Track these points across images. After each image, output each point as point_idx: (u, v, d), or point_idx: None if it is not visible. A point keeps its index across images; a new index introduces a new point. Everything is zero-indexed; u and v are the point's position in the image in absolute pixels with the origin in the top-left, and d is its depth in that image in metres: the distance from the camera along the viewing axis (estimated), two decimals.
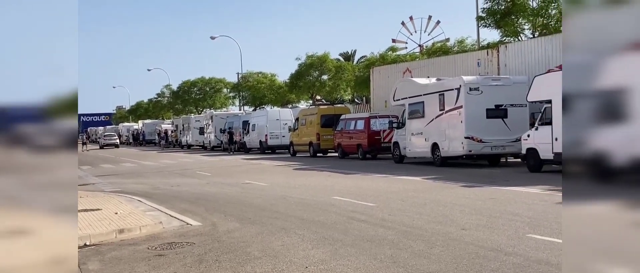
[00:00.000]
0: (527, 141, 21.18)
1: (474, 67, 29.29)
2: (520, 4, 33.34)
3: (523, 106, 23.29)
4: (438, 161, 25.17)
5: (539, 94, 20.70)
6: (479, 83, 23.86)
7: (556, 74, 20.67)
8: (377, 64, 46.82)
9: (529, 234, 9.61)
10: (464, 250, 8.68)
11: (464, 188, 16.92)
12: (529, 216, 11.35)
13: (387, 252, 8.76)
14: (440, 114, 25.02)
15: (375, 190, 17.01)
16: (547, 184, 16.75)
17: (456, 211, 12.30)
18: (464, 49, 44.29)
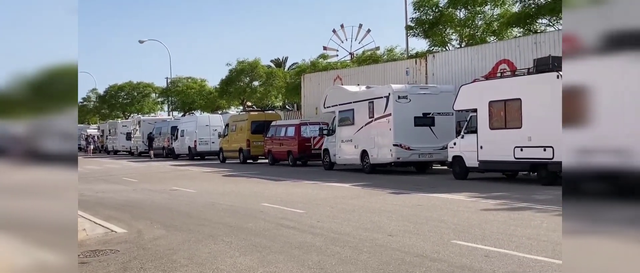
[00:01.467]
0: (453, 149, 21.61)
1: (403, 76, 29.74)
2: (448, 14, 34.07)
3: (450, 115, 23.77)
4: (367, 168, 25.41)
5: (465, 103, 21.16)
6: (408, 92, 24.23)
7: (481, 83, 21.19)
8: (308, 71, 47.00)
9: (453, 240, 9.79)
10: (391, 256, 8.78)
11: (392, 194, 17.13)
12: (454, 223, 11.57)
13: (314, 258, 8.78)
14: (370, 122, 25.29)
15: (304, 196, 17.04)
16: (472, 191, 17.12)
17: (384, 218, 12.44)
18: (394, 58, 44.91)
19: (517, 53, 23.45)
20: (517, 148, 18.81)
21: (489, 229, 10.77)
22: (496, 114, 19.70)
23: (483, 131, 20.09)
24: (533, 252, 8.71)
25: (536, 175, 18.85)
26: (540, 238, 9.74)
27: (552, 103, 17.64)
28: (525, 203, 14.25)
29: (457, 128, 23.13)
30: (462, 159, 21.14)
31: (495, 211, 13.12)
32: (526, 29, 30.17)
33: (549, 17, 29.20)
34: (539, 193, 16.12)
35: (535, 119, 18.36)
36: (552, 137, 17.70)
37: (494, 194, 16.27)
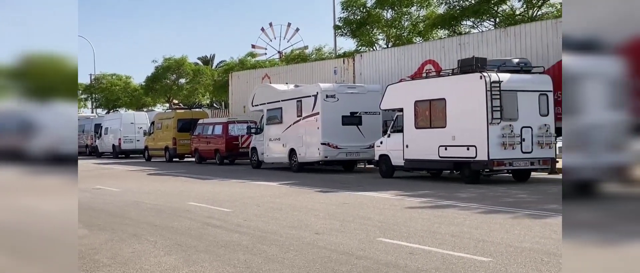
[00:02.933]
0: (380, 147, 21.86)
1: (331, 75, 29.88)
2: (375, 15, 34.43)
3: (377, 114, 24.03)
4: (295, 166, 25.43)
5: (392, 103, 21.44)
6: (335, 91, 24.37)
7: (407, 83, 21.50)
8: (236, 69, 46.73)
9: (379, 238, 9.89)
10: (317, 254, 8.80)
11: (319, 193, 17.19)
12: (379, 221, 11.69)
13: (241, 257, 8.72)
14: (298, 121, 25.31)
15: (231, 195, 16.92)
16: (398, 189, 17.35)
17: (311, 216, 12.46)
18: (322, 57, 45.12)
19: (442, 54, 23.89)
20: (441, 147, 19.17)
21: (414, 227, 10.93)
22: (421, 114, 20.02)
23: (409, 131, 20.39)
24: (456, 249, 8.88)
25: (459, 174, 19.25)
26: (463, 236, 9.94)
27: (476, 103, 18.06)
28: (449, 201, 14.53)
29: (383, 127, 23.40)
30: (388, 158, 21.40)
31: (420, 209, 13.33)
32: (451, 30, 30.79)
33: (473, 19, 29.89)
34: (462, 192, 16.46)
35: (459, 119, 18.74)
36: (475, 136, 18.12)
37: (419, 192, 16.53)
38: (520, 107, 18.17)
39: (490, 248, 8.86)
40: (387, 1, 33.59)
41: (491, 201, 14.25)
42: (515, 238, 9.64)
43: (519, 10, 29.21)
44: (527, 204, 13.73)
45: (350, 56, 31.45)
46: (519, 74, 18.66)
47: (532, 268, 7.66)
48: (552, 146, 18.69)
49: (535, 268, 7.63)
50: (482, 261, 8.10)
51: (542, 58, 19.86)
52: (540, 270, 7.54)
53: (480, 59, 18.86)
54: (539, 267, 7.71)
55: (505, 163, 18.05)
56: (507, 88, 17.99)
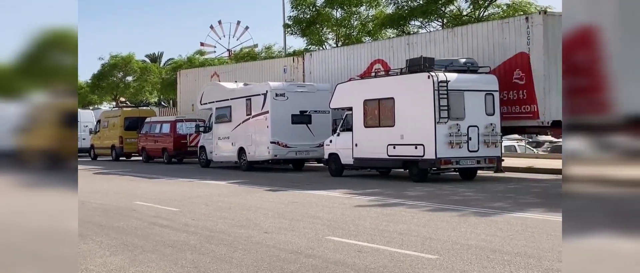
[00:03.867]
0: (330, 146, 21.92)
1: (281, 74, 29.84)
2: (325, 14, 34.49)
3: (326, 113, 24.09)
4: (244, 165, 25.31)
5: (341, 102, 21.52)
6: (285, 89, 24.35)
7: (357, 82, 21.60)
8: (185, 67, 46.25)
9: (328, 236, 9.91)
10: (266, 253, 8.77)
11: (268, 192, 17.15)
12: (328, 219, 11.72)
13: (188, 257, 8.63)
14: (247, 119, 25.20)
15: (179, 194, 16.74)
16: (347, 188, 17.42)
17: (260, 215, 12.42)
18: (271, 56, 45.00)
19: (391, 53, 24.07)
20: (390, 146, 19.32)
21: (363, 225, 10.99)
22: (371, 113, 20.14)
23: (358, 129, 20.49)
24: (404, 247, 8.96)
25: (408, 172, 19.43)
26: (410, 233, 10.03)
27: (423, 102, 18.26)
28: (397, 199, 14.65)
29: (333, 126, 23.47)
30: (337, 157, 21.47)
31: (369, 208, 13.41)
32: (399, 30, 31.05)
33: (421, 19, 30.19)
34: (410, 190, 16.62)
35: (407, 118, 18.91)
36: (423, 135, 18.32)
37: (368, 191, 16.63)
38: (467, 106, 18.44)
39: (437, 246, 8.97)
40: (336, 0, 33.69)
41: (438, 200, 14.42)
42: (462, 235, 9.77)
43: (466, 11, 29.62)
44: (473, 202, 13.94)
45: (299, 55, 31.44)
46: (466, 74, 18.93)
47: (477, 265, 7.78)
48: (498, 145, 19.02)
49: (481, 265, 7.74)
50: (429, 258, 8.19)
51: (488, 58, 20.17)
52: (485, 267, 7.66)
53: (428, 59, 19.07)
54: (484, 264, 7.83)
55: (452, 162, 18.30)
56: (454, 88, 18.23)
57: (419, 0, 29.49)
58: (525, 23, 19.51)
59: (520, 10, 27.00)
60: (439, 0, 29.00)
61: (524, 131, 22.77)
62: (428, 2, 28.98)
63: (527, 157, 27.80)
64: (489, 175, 20.69)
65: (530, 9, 26.54)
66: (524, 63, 19.46)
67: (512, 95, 19.79)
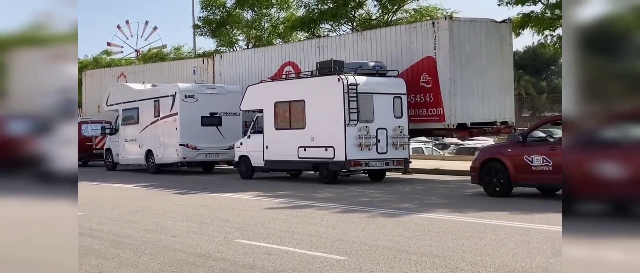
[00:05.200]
0: (240, 148, 21.78)
1: (190, 75, 29.45)
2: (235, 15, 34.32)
3: (237, 115, 23.93)
4: (152, 168, 24.83)
5: (252, 104, 21.43)
6: (195, 91, 24.04)
7: (267, 84, 21.58)
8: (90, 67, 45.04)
9: (237, 239, 9.84)
10: (173, 257, 8.62)
11: (177, 195, 16.88)
12: (238, 222, 11.64)
13: (93, 262, 8.38)
14: (155, 121, 24.74)
15: (84, 198, 16.22)
16: (257, 190, 17.35)
17: (168, 219, 12.20)
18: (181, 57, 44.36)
19: (302, 56, 24.17)
20: (300, 148, 19.38)
21: (272, 227, 10.97)
22: (281, 115, 20.15)
23: (269, 132, 20.46)
24: (313, 249, 8.99)
25: (318, 174, 19.54)
26: (320, 235, 10.08)
27: (333, 105, 18.42)
28: (308, 201, 14.70)
29: (243, 128, 23.34)
30: (248, 159, 21.36)
31: (279, 210, 13.40)
32: (310, 32, 31.23)
33: (332, 22, 30.47)
34: (320, 192, 16.72)
35: (317, 120, 19.02)
36: (333, 137, 18.47)
37: (278, 193, 16.62)
38: (376, 109, 18.72)
39: (346, 247, 9.04)
40: (247, 2, 33.56)
41: (348, 201, 14.57)
42: (370, 236, 9.90)
43: (375, 15, 30.09)
44: (381, 203, 14.15)
45: (209, 56, 31.13)
46: (375, 77, 19.22)
47: (385, 265, 7.89)
48: (406, 147, 19.39)
49: (388, 266, 7.86)
50: (338, 259, 8.25)
51: (397, 62, 20.55)
52: (393, 268, 7.78)
53: (338, 62, 19.26)
54: (391, 264, 7.96)
55: (361, 164, 18.53)
56: (364, 91, 18.48)
57: (329, 4, 29.76)
58: (432, 28, 19.98)
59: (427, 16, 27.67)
60: (348, 4, 29.36)
61: (430, 133, 23.33)
62: (338, 5, 29.29)
63: (433, 159, 28.46)
64: (397, 176, 21.06)
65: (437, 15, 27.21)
66: (431, 67, 19.92)
67: (419, 98, 20.22)
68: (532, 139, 14.78)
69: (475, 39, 20.04)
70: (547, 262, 7.90)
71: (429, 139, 32.81)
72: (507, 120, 20.75)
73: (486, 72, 20.18)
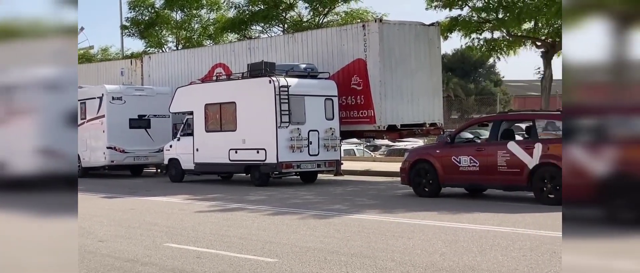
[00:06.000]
0: (170, 151, 21.46)
1: (118, 77, 28.85)
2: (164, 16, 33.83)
3: (166, 117, 23.57)
4: (79, 172, 24.18)
5: (182, 106, 21.15)
6: (122, 93, 23.57)
7: (198, 86, 21.34)
8: None
9: (166, 243, 9.68)
10: (100, 262, 8.41)
11: (104, 199, 16.52)
12: (167, 226, 11.45)
13: None
14: (82, 123, 24.08)
15: None
16: (187, 194, 17.13)
17: (95, 223, 11.91)
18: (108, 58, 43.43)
19: (233, 57, 23.99)
20: (232, 151, 19.22)
21: (202, 231, 10.84)
22: (212, 117, 19.96)
23: (199, 134, 20.23)
24: (244, 251, 8.92)
25: (250, 177, 19.42)
26: (251, 238, 10.01)
27: (265, 107, 18.35)
28: (239, 204, 14.59)
29: (173, 131, 23.01)
30: (178, 162, 21.07)
31: (209, 213, 13.25)
32: (241, 34, 31.06)
33: (263, 24, 30.38)
34: (252, 194, 16.62)
35: (249, 122, 18.91)
36: (265, 139, 18.40)
37: (209, 196, 16.44)
38: (308, 111, 18.74)
39: (277, 249, 9.00)
40: (176, 2, 33.13)
41: (279, 203, 14.52)
42: (301, 238, 9.89)
43: (306, 17, 30.15)
44: (313, 205, 14.16)
45: (138, 57, 30.56)
46: (306, 79, 19.24)
47: (316, 267, 7.89)
48: (337, 149, 19.48)
49: (319, 267, 7.86)
50: (269, 262, 8.20)
51: (328, 64, 20.63)
52: (323, 269, 7.78)
53: (269, 64, 19.21)
54: (322, 265, 7.96)
55: (293, 166, 18.52)
56: (295, 92, 18.48)
57: (260, 5, 29.66)
58: (362, 30, 20.14)
59: (357, 18, 27.88)
60: (279, 6, 29.33)
61: (362, 135, 23.51)
62: (269, 7, 29.23)
63: (365, 160, 28.70)
64: (329, 178, 21.14)
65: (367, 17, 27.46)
66: (361, 69, 20.07)
67: (350, 100, 20.35)
68: (460, 140, 15.07)
69: (404, 42, 20.29)
70: (474, 260, 8.04)
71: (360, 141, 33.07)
72: (436, 122, 21.09)
73: (415, 75, 20.47)
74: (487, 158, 13.96)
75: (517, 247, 8.77)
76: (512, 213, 12.06)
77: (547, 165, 13.07)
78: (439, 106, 21.44)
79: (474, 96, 62.47)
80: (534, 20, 21.37)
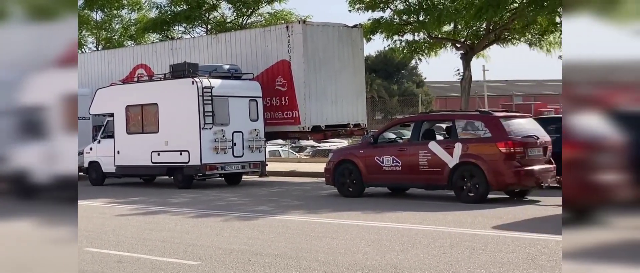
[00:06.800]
0: (90, 154, 20.95)
1: None
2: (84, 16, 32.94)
3: (86, 119, 22.94)
4: None
5: (102, 107, 20.70)
6: None
7: (119, 87, 20.92)
8: None
9: (86, 248, 9.45)
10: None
11: None
12: (87, 230, 11.18)
13: None
14: None
15: None
16: (108, 197, 16.78)
17: None
18: None
19: (154, 58, 23.60)
20: (154, 153, 18.92)
21: (123, 234, 10.63)
22: (133, 119, 19.59)
23: (120, 136, 19.82)
24: (166, 255, 8.79)
25: (173, 179, 19.16)
26: (173, 241, 9.88)
27: (188, 108, 18.14)
28: (161, 207, 14.37)
29: (93, 133, 22.46)
30: (98, 165, 20.60)
31: (131, 216, 13.01)
32: (163, 35, 30.59)
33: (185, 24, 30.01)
34: (175, 197, 16.39)
35: (171, 124, 18.65)
36: (188, 141, 18.19)
37: (131, 199, 16.14)
38: (232, 112, 18.63)
39: (199, 252, 8.91)
40: (96, 2, 32.36)
41: (203, 205, 14.38)
42: (225, 240, 9.82)
43: (230, 18, 29.95)
44: (237, 207, 14.09)
45: None
46: (230, 80, 19.12)
47: (239, 269, 7.86)
48: (262, 150, 19.43)
49: (242, 269, 7.83)
50: (191, 265, 8.12)
51: (252, 65, 20.54)
52: (247, 271, 7.75)
53: (192, 65, 19.01)
54: (245, 267, 7.93)
55: (217, 167, 18.37)
56: (219, 94, 18.34)
57: (182, 6, 29.30)
58: (286, 31, 20.14)
59: (281, 19, 27.88)
60: (202, 6, 29.04)
61: (286, 136, 23.52)
62: (192, 7, 28.90)
63: (290, 161, 28.71)
64: (254, 179, 21.06)
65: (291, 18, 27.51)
66: (286, 70, 20.08)
67: (275, 101, 20.32)
68: (383, 140, 15.27)
69: (328, 43, 20.42)
70: (396, 258, 8.17)
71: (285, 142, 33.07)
72: (360, 122, 21.30)
73: (339, 76, 20.62)
74: (409, 157, 14.19)
75: (438, 245, 8.96)
76: (434, 211, 12.31)
77: (466, 164, 13.40)
78: (363, 107, 21.66)
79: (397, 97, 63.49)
80: (454, 23, 21.85)
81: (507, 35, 22.41)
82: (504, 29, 21.77)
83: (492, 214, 11.80)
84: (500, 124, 13.38)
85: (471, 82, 23.10)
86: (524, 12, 20.13)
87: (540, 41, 22.09)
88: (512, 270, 7.40)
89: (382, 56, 64.81)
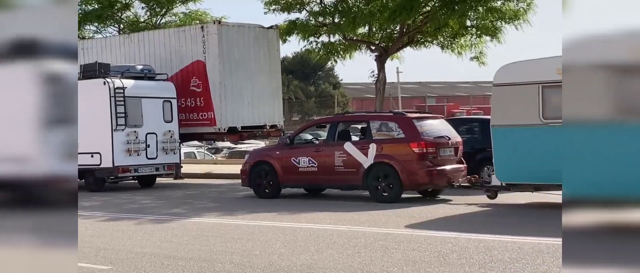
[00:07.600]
0: None
1: None
2: None
3: None
4: None
5: None
6: None
7: None
8: None
9: None
10: None
11: None
12: None
13: None
14: None
15: None
16: None
17: None
18: None
19: None
20: None
21: None
22: None
23: None
24: None
25: (84, 182, 18.63)
26: (84, 245, 9.60)
27: (99, 109, 17.69)
28: None
29: None
30: None
31: None
32: None
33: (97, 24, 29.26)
34: (85, 200, 15.93)
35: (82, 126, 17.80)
36: (100, 143, 17.74)
37: None
38: (145, 113, 18.29)
39: (111, 256, 8.71)
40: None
41: (115, 209, 14.06)
42: (137, 244, 9.63)
43: (143, 17, 29.39)
44: (150, 209, 13.84)
45: None
46: (143, 80, 18.77)
47: (151, 272, 7.71)
48: (177, 152, 19.15)
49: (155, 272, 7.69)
50: (102, 269, 7.93)
51: (166, 65, 20.22)
52: None
53: (103, 65, 18.56)
54: (158, 270, 7.80)
55: (130, 170, 18.00)
56: (132, 95, 17.98)
57: (93, 5, 28.55)
58: (201, 32, 19.93)
59: (196, 20, 27.56)
60: (114, 5, 28.38)
61: (202, 137, 23.23)
62: (103, 6, 28.20)
63: (206, 163, 28.40)
64: (169, 181, 20.72)
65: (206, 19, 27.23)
66: (201, 71, 19.86)
67: (190, 102, 20.07)
68: (299, 141, 15.32)
69: (244, 44, 20.31)
70: (311, 259, 8.20)
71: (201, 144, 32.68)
72: (277, 123, 21.29)
73: (255, 77, 20.55)
74: (325, 158, 14.29)
75: (353, 245, 9.05)
76: (349, 211, 12.43)
77: (381, 164, 13.60)
78: (280, 108, 21.67)
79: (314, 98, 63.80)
80: (369, 25, 22.12)
81: (420, 38, 22.85)
82: (417, 31, 22.18)
83: (406, 213, 12.02)
84: (413, 125, 13.64)
85: (386, 83, 23.44)
86: (436, 16, 20.57)
87: (452, 43, 22.61)
88: (423, 267, 7.55)
89: (299, 57, 64.98)
